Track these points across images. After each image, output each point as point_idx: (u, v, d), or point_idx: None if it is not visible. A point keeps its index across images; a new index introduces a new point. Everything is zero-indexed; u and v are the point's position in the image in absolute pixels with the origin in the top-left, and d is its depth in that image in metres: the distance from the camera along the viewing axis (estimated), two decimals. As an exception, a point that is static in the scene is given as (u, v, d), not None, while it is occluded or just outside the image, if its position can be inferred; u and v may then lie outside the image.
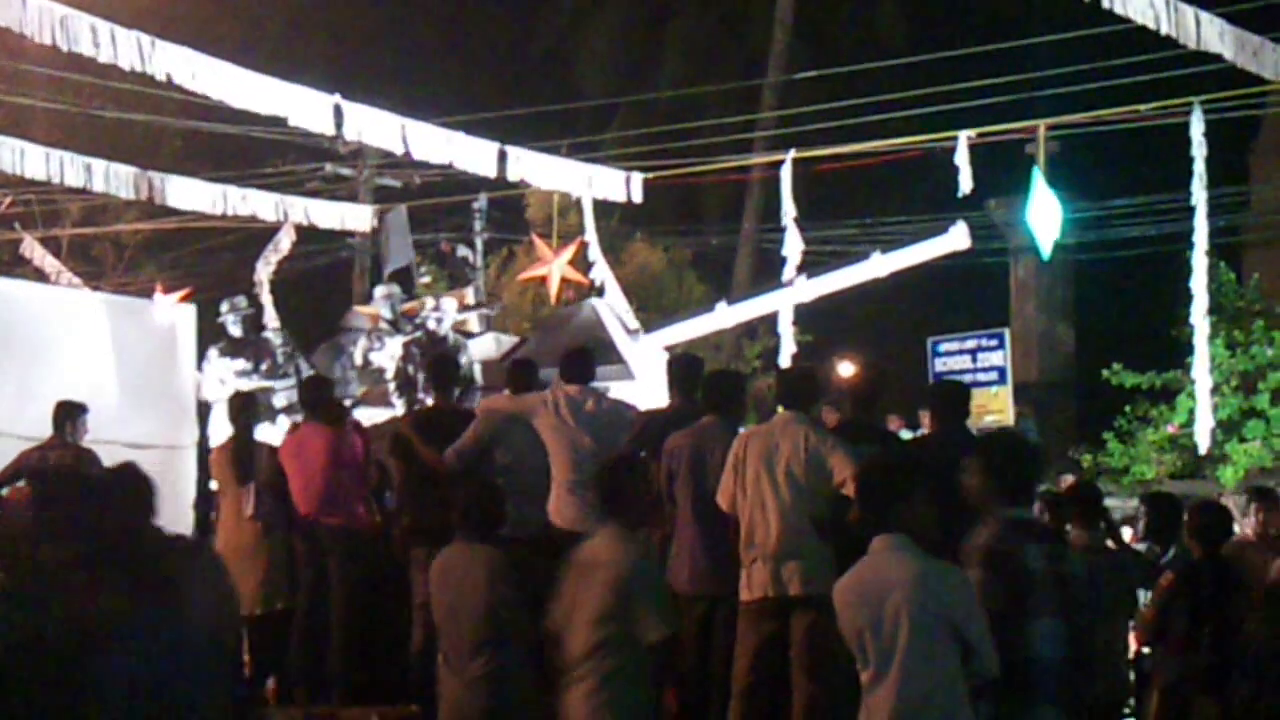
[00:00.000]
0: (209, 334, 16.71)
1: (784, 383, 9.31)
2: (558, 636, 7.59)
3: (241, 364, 16.31)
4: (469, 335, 17.65)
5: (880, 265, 18.48)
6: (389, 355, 16.56)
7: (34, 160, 17.32)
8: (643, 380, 15.52)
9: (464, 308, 18.23)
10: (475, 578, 8.18)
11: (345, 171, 28.47)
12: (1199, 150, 16.32)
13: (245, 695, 10.21)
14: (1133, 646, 9.77)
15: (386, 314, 17.21)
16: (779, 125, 28.93)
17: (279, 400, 16.03)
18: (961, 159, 17.50)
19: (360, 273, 29.25)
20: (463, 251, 21.96)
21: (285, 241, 20.05)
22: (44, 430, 12.50)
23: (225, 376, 16.12)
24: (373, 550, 11.02)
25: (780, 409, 9.04)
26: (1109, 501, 11.93)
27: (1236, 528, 10.09)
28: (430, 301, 17.17)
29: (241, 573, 11.11)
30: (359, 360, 17.03)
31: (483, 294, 20.27)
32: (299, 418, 13.24)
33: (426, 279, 26.73)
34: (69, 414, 12.19)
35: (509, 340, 18.56)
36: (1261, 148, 29.69)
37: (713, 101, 30.42)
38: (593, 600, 7.43)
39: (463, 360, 15.85)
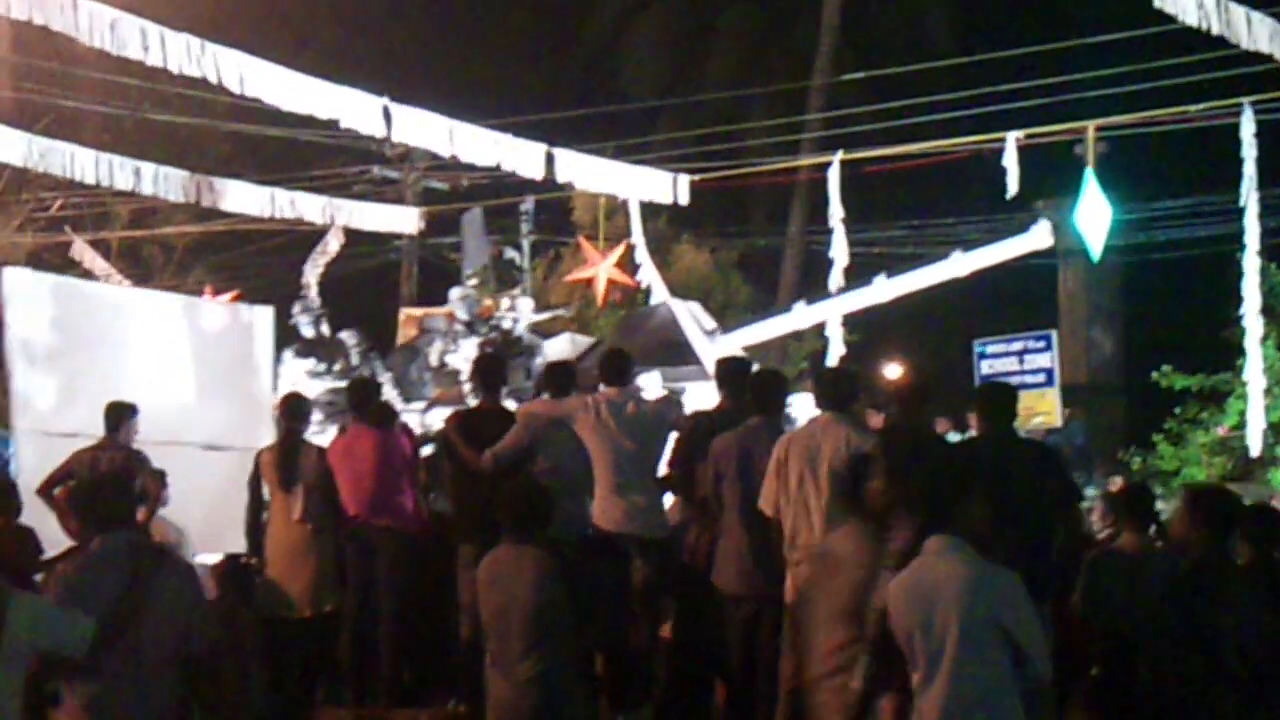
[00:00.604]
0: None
1: (821, 384, 9.28)
2: (800, 632, 7.66)
3: (313, 364, 16.24)
4: (545, 336, 17.55)
5: (961, 264, 18.29)
6: (464, 357, 16.43)
7: (84, 163, 17.45)
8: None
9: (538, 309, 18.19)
10: (524, 579, 8.18)
11: (392, 174, 28.56)
12: (1249, 151, 16.25)
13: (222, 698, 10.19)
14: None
15: (463, 315, 17.08)
16: (826, 127, 28.88)
17: None
18: (1009, 160, 17.44)
19: (407, 275, 29.35)
20: (510, 254, 22.03)
21: (333, 244, 20.14)
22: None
23: (298, 378, 16.08)
24: (421, 551, 11.03)
25: (820, 411, 9.01)
26: (1159, 505, 11.85)
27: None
28: (505, 302, 17.08)
29: (291, 575, 11.20)
30: (435, 362, 16.89)
31: (529, 296, 20.28)
32: None
33: (474, 281, 26.79)
34: (120, 415, 12.26)
35: (585, 341, 18.47)
36: (1313, 148, 29.44)
37: (759, 103, 30.41)
38: (834, 598, 7.48)
39: (538, 361, 15.77)
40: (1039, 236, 18.07)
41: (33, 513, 11.02)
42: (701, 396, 11.60)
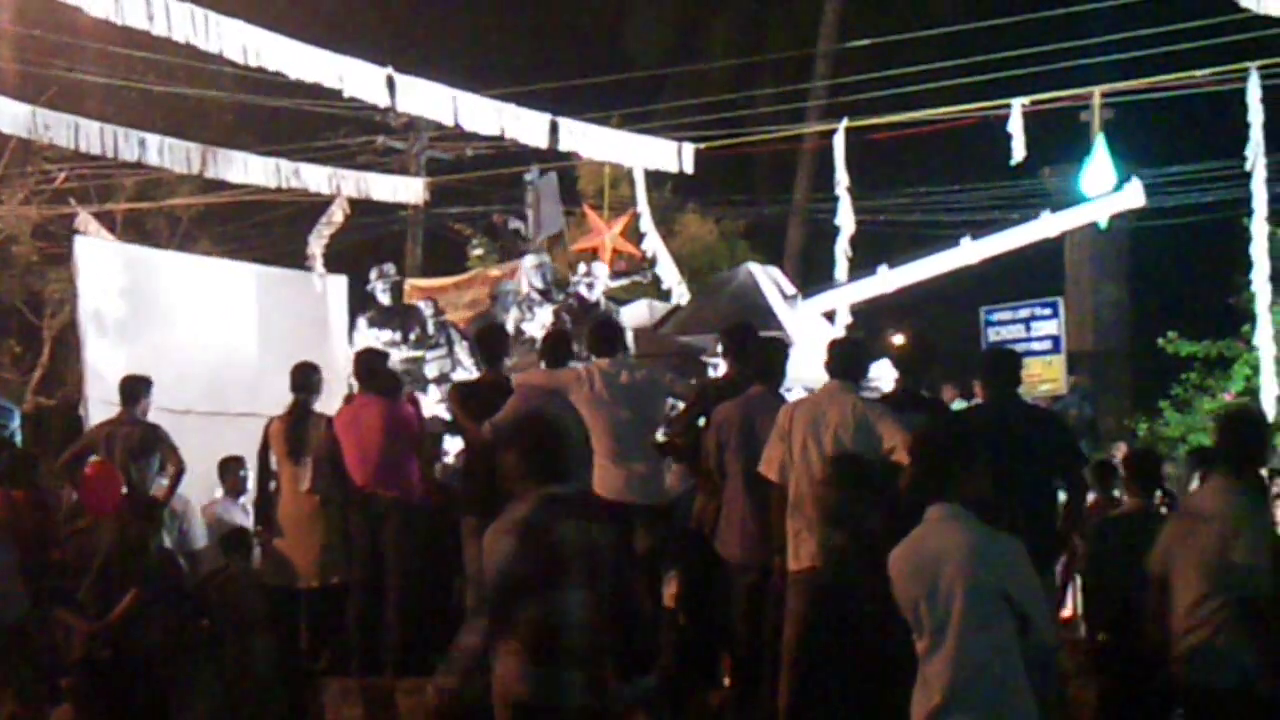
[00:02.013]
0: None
1: (834, 353, 9.25)
2: (1159, 584, 7.66)
3: (388, 334, 16.07)
4: (621, 302, 17.35)
5: (1051, 224, 18.15)
6: (540, 324, 16.18)
7: (89, 135, 17.45)
8: (801, 346, 15.16)
9: (615, 274, 18.05)
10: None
11: (397, 144, 28.51)
12: (1256, 116, 16.22)
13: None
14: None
15: (537, 283, 16.80)
16: (831, 94, 28.81)
17: (430, 370, 15.75)
18: (1015, 127, 17.44)
19: (412, 245, 29.33)
20: (514, 224, 21.90)
21: (338, 214, 20.14)
22: (189, 401, 12.64)
23: (374, 347, 15.96)
24: (427, 522, 11.04)
25: (828, 379, 8.99)
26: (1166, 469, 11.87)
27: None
28: (582, 268, 16.88)
29: (299, 546, 11.25)
30: (511, 330, 16.57)
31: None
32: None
33: (478, 251, 26.76)
34: (136, 389, 12.27)
35: (662, 307, 18.32)
36: (1319, 113, 29.40)
37: (765, 71, 30.34)
38: (1199, 550, 7.50)
39: None
40: (1132, 195, 17.83)
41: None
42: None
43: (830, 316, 19.44)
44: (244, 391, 14.54)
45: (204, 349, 14.73)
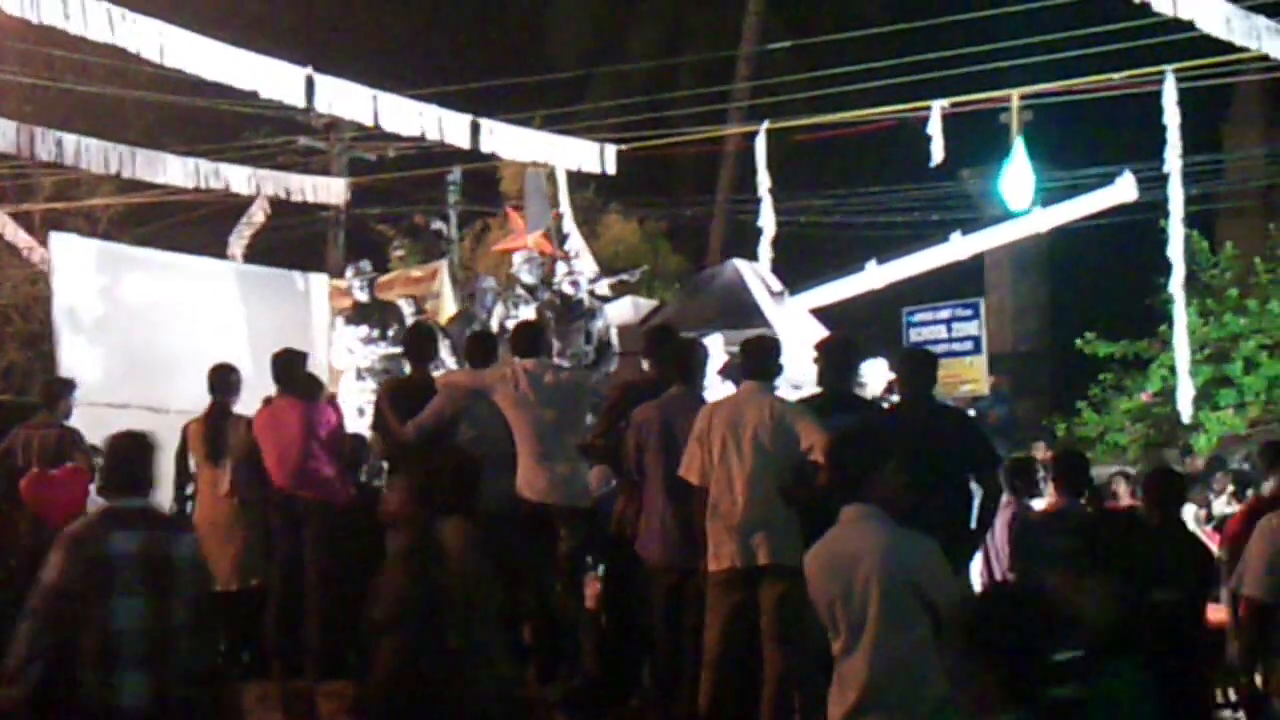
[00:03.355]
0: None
1: (749, 354, 9.28)
2: None
3: (365, 331, 15.87)
4: (605, 299, 17.20)
5: (1043, 220, 18.21)
6: None
7: (5, 134, 17.27)
8: (788, 343, 15.04)
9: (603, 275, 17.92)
10: (447, 550, 8.15)
11: (319, 144, 28.37)
12: (1172, 118, 16.37)
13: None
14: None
15: (527, 279, 16.60)
16: (753, 96, 28.87)
17: None
18: (934, 129, 17.53)
19: (333, 245, 29.17)
20: (437, 224, 21.91)
21: (259, 214, 20.03)
22: (170, 401, 12.49)
23: (352, 345, 15.73)
24: (348, 524, 11.00)
25: (745, 380, 9.02)
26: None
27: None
28: (562, 267, 16.73)
29: (217, 549, 11.12)
30: (495, 328, 16.37)
31: (457, 267, 20.14)
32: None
33: (400, 252, 26.66)
34: (57, 390, 12.16)
35: (647, 305, 18.15)
36: (1234, 116, 29.79)
37: (686, 72, 30.37)
38: None
39: (599, 324, 15.48)
40: (1124, 190, 17.90)
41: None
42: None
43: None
44: None
45: (183, 347, 14.56)
